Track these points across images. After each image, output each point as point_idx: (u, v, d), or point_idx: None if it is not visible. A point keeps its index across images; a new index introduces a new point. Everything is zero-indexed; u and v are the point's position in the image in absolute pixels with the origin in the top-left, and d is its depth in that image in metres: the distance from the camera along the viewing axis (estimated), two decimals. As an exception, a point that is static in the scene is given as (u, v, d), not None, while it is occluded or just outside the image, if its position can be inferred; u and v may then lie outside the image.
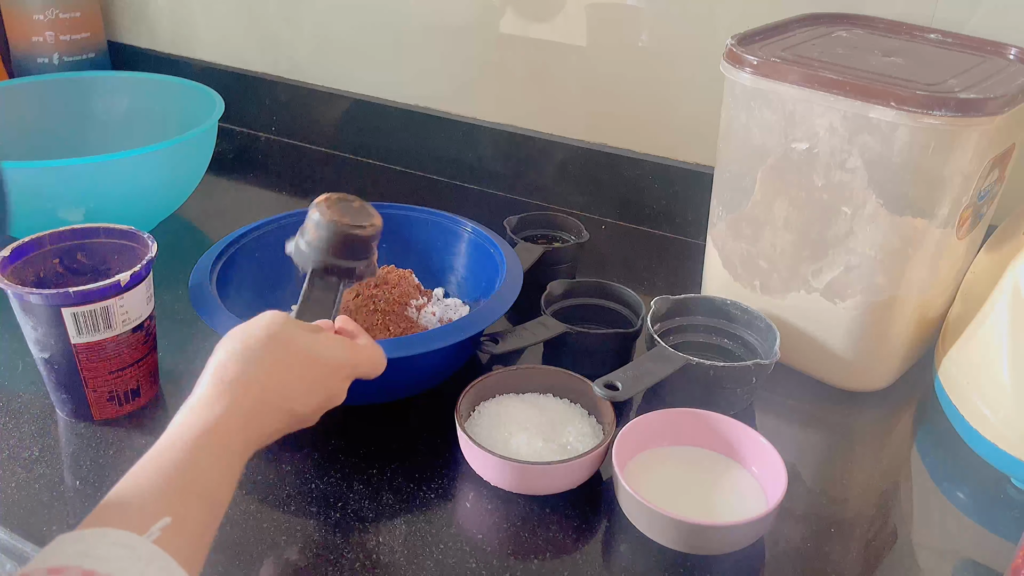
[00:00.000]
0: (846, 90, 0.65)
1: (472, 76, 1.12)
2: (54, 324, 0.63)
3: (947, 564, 0.61)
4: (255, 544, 0.59)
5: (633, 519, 0.59)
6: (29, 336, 0.65)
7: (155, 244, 0.69)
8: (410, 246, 0.87)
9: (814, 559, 0.59)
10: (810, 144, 0.68)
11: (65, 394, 0.68)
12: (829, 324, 0.74)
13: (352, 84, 1.21)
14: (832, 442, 0.72)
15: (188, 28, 1.34)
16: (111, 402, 0.68)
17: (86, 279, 0.70)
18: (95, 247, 0.71)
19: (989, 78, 0.68)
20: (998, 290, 0.69)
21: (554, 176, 1.09)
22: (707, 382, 0.69)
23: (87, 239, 0.71)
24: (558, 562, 0.58)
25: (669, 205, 1.03)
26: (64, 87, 1.13)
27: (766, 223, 0.75)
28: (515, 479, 0.62)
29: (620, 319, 0.81)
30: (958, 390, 0.70)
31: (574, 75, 1.05)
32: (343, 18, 1.18)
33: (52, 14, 1.24)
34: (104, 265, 0.72)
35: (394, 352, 0.64)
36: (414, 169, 1.20)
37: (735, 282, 0.80)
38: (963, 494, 0.67)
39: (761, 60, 0.69)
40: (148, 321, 0.68)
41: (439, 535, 0.60)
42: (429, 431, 0.69)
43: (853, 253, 0.70)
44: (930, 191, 0.65)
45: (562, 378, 0.70)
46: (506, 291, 0.73)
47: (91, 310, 0.63)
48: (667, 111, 1.01)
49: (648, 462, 0.64)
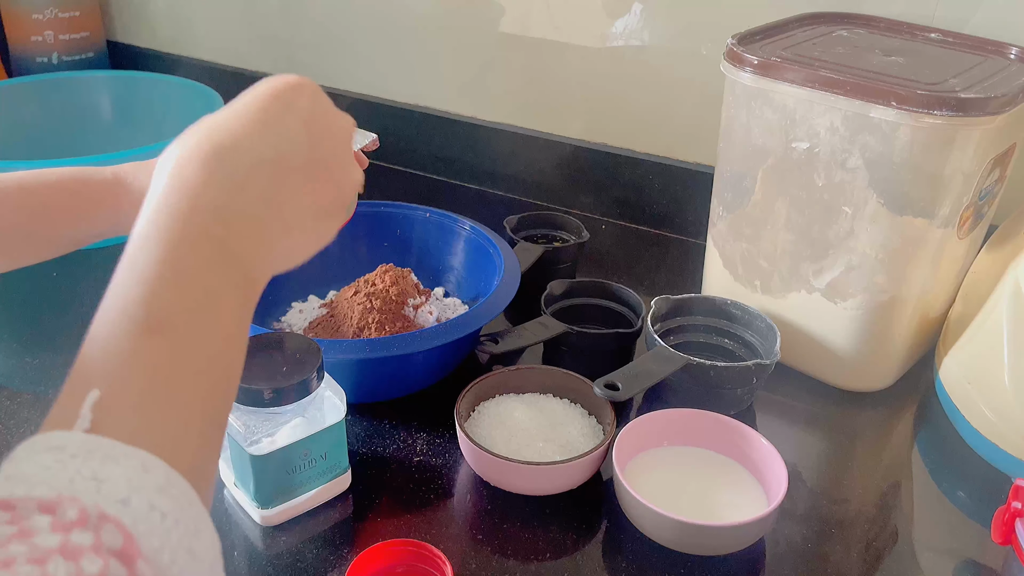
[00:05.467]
0: (847, 90, 0.64)
1: (472, 76, 1.12)
2: None
3: (947, 564, 0.61)
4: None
5: (633, 519, 0.59)
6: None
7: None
8: (409, 245, 0.86)
9: (814, 559, 0.59)
10: (811, 144, 0.68)
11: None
12: (830, 324, 0.74)
13: (352, 84, 1.21)
14: (833, 442, 0.71)
15: (187, 27, 1.34)
16: None
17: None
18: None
19: (990, 77, 0.68)
20: (999, 290, 0.69)
21: (554, 176, 1.09)
22: (707, 382, 0.69)
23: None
24: (558, 562, 0.58)
25: (669, 205, 1.03)
26: (63, 86, 1.13)
27: (767, 223, 0.74)
28: (515, 479, 0.62)
29: (620, 319, 0.81)
30: (959, 390, 0.70)
31: (574, 75, 1.05)
32: (342, 17, 1.18)
33: (51, 13, 1.24)
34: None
35: (391, 350, 0.64)
36: (414, 169, 1.20)
37: (735, 282, 0.80)
38: (964, 494, 0.66)
39: (762, 60, 0.69)
40: None
41: (439, 535, 0.59)
42: (429, 431, 0.69)
43: (854, 253, 0.70)
44: (931, 191, 0.65)
45: (562, 378, 0.70)
46: (504, 290, 0.73)
47: None
48: (667, 111, 1.01)
49: (648, 462, 0.64)
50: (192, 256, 0.35)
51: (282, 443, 0.57)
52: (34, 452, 0.29)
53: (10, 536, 0.26)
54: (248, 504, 0.60)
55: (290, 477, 0.58)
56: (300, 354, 0.58)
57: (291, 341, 0.59)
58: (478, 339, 0.72)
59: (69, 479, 0.28)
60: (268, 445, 0.56)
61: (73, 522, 0.27)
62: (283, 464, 0.58)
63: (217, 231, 0.36)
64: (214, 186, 0.37)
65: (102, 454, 0.29)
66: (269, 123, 0.40)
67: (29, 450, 0.29)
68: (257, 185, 0.38)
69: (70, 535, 0.27)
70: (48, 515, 0.27)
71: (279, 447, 0.57)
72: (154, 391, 0.32)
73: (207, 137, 0.38)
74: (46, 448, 0.29)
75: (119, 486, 0.29)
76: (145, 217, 0.36)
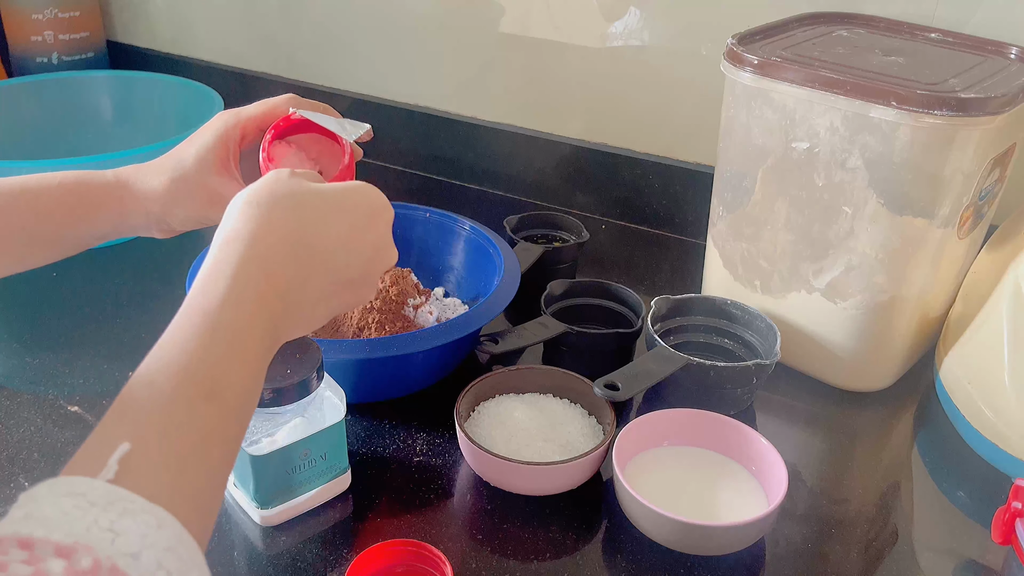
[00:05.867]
0: (847, 89, 0.64)
1: (472, 76, 1.12)
2: None
3: (947, 564, 0.61)
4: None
5: (633, 519, 0.59)
6: None
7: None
8: (409, 245, 0.86)
9: (814, 559, 0.59)
10: (811, 144, 0.68)
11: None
12: (830, 324, 0.74)
13: (352, 83, 1.21)
14: (833, 442, 0.71)
15: (187, 27, 1.34)
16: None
17: None
18: None
19: (990, 77, 0.68)
20: (999, 290, 0.69)
21: (554, 176, 1.09)
22: (707, 382, 0.69)
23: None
24: (558, 562, 0.58)
25: (669, 205, 1.03)
26: (63, 86, 1.13)
27: (767, 223, 0.74)
28: (515, 479, 0.62)
29: (620, 319, 0.81)
30: (959, 390, 0.70)
31: (574, 75, 1.05)
32: (342, 17, 1.18)
33: (51, 13, 1.24)
34: None
35: (391, 350, 0.64)
36: (414, 169, 1.20)
37: (735, 282, 0.80)
38: (964, 494, 0.66)
39: (762, 59, 0.69)
40: None
41: (439, 535, 0.59)
42: (429, 431, 0.69)
43: (854, 253, 0.70)
44: (931, 191, 0.65)
45: (562, 378, 0.70)
46: (504, 290, 0.73)
47: None
48: (667, 111, 1.01)
49: (648, 462, 0.64)
50: (256, 331, 0.40)
51: (282, 443, 0.57)
52: (56, 495, 0.30)
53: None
54: (248, 504, 0.60)
55: (290, 477, 0.58)
56: (300, 354, 0.58)
57: (291, 341, 0.59)
58: (478, 339, 0.72)
59: (86, 527, 0.29)
60: (268, 445, 0.56)
61: (86, 571, 0.28)
62: (283, 464, 0.58)
63: (278, 310, 0.42)
64: (290, 275, 0.42)
65: (121, 507, 0.31)
66: (350, 243, 0.46)
67: (51, 491, 0.31)
68: (319, 283, 0.45)
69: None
70: (63, 560, 0.28)
71: (279, 447, 0.57)
72: (194, 454, 0.35)
73: (301, 226, 0.44)
74: (68, 493, 0.30)
75: (132, 540, 0.30)
76: (222, 271, 0.40)
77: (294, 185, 0.46)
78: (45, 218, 0.54)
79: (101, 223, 0.56)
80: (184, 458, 0.34)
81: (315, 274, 0.44)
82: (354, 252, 0.46)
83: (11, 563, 0.27)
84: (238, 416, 0.38)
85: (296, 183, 0.46)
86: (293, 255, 0.43)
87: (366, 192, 0.49)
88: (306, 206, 0.45)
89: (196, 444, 0.35)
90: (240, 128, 0.59)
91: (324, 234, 0.45)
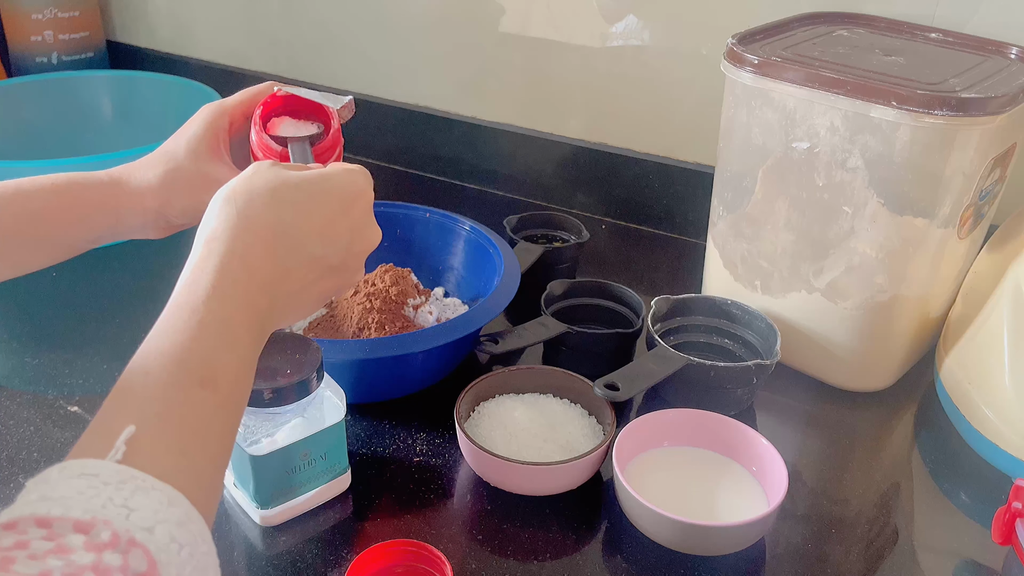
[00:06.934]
0: (847, 89, 0.64)
1: (472, 76, 1.12)
2: None
3: (947, 564, 0.61)
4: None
5: (633, 519, 0.59)
6: None
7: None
8: (409, 245, 0.86)
9: (814, 559, 0.59)
10: (811, 143, 0.68)
11: None
12: (830, 324, 0.74)
13: (351, 83, 1.21)
14: (833, 442, 0.71)
15: (187, 27, 1.34)
16: None
17: None
18: None
19: (990, 77, 0.68)
20: (999, 290, 0.69)
21: (554, 176, 1.09)
22: (707, 382, 0.69)
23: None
24: (558, 562, 0.58)
25: (669, 205, 1.03)
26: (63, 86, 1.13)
27: (767, 223, 0.74)
28: (515, 479, 0.62)
29: (620, 319, 0.81)
30: (959, 390, 0.70)
31: (574, 75, 1.05)
32: (342, 17, 1.18)
33: (51, 13, 1.24)
34: None
35: (391, 350, 0.64)
36: (414, 169, 1.20)
37: (736, 282, 0.80)
38: (964, 494, 0.66)
39: (762, 59, 0.69)
40: None
41: (439, 535, 0.59)
42: (429, 431, 0.69)
43: (854, 253, 0.70)
44: (931, 191, 0.65)
45: (562, 378, 0.70)
46: (504, 290, 0.73)
47: None
48: (667, 111, 1.01)
49: (648, 462, 0.64)
50: (243, 324, 0.41)
51: (282, 443, 0.57)
52: (69, 476, 0.32)
53: (47, 551, 0.28)
54: (248, 504, 0.60)
55: (290, 477, 0.58)
56: (300, 354, 0.58)
57: (291, 341, 0.59)
58: (478, 339, 0.72)
59: (102, 504, 0.31)
60: (268, 445, 0.56)
61: (105, 543, 0.29)
62: (283, 464, 0.57)
63: (263, 304, 0.43)
64: (270, 269, 0.44)
65: (134, 485, 0.32)
66: (326, 231, 0.47)
67: (63, 473, 0.32)
68: (300, 273, 0.46)
69: (102, 555, 0.29)
70: (82, 535, 0.29)
71: (279, 447, 0.57)
72: (194, 438, 0.36)
73: (278, 221, 0.45)
74: (80, 474, 0.32)
75: (146, 515, 0.31)
76: (205, 268, 0.41)
77: (271, 177, 0.47)
78: (39, 221, 0.54)
79: (97, 224, 0.56)
80: (185, 441, 0.36)
81: (296, 266, 0.46)
82: (331, 240, 0.47)
83: (32, 540, 0.28)
84: (233, 403, 0.40)
85: (274, 174, 0.47)
86: (271, 250, 0.44)
87: (342, 178, 0.50)
88: (283, 200, 0.46)
89: (195, 429, 0.37)
90: (227, 116, 0.60)
91: (300, 226, 0.46)
